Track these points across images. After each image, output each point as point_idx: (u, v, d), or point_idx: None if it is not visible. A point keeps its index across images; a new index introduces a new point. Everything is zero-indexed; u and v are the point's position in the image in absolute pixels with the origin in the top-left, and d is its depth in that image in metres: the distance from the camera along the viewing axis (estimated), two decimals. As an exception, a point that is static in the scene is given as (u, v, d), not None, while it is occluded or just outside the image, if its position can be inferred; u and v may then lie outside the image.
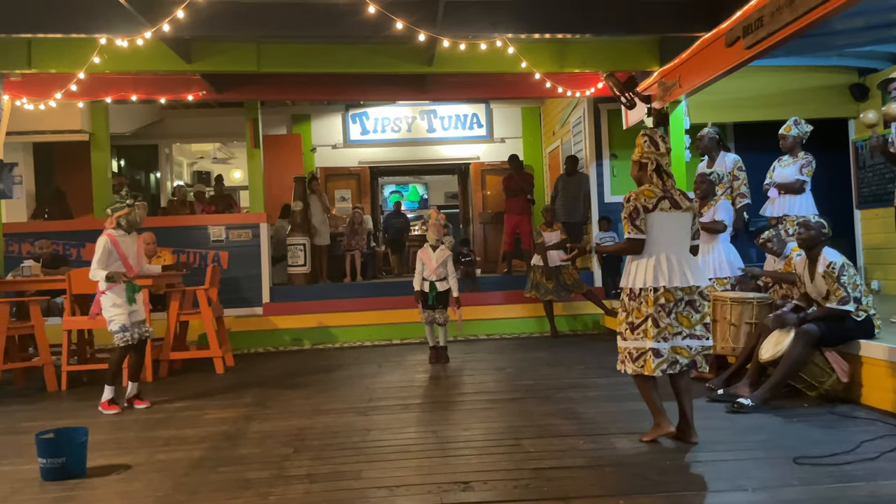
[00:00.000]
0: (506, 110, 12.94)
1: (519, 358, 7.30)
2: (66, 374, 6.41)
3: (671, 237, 3.87)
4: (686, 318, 3.86)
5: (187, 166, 14.81)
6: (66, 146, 10.77)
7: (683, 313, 3.85)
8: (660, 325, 3.81)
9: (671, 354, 3.84)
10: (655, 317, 3.81)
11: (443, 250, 7.08)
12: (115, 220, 5.46)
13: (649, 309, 3.82)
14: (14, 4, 6.24)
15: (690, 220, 3.95)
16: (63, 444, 3.75)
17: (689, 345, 3.87)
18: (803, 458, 3.51)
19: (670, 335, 3.83)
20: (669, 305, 3.82)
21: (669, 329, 3.82)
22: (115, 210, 5.48)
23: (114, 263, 5.39)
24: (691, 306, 3.87)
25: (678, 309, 3.84)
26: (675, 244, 3.88)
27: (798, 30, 5.22)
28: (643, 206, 3.86)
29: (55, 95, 7.68)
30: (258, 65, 7.66)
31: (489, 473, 3.52)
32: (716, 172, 6.02)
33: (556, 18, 6.78)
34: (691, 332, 3.87)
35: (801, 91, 8.63)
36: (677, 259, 3.85)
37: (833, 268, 4.63)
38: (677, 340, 3.85)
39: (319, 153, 12.82)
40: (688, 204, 3.94)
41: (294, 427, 4.65)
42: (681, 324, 3.85)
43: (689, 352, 3.87)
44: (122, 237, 5.46)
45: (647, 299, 3.83)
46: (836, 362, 4.65)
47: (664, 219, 3.86)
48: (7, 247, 8.86)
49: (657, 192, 3.89)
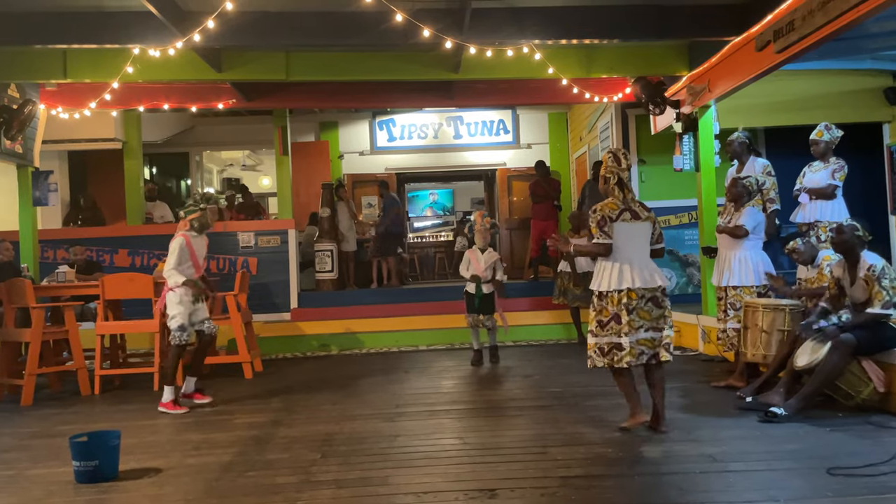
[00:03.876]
0: (532, 116, 12.91)
1: (546, 365, 7.26)
2: (99, 379, 6.52)
3: (632, 245, 4.30)
4: (647, 312, 4.25)
5: (217, 173, 15.01)
6: (100, 154, 11.00)
7: (645, 308, 4.25)
8: (622, 321, 4.21)
9: (637, 346, 4.22)
10: (619, 314, 4.22)
11: (491, 253, 7.21)
12: (188, 222, 5.73)
13: (614, 308, 4.24)
14: (50, 16, 6.39)
15: (650, 228, 4.38)
16: (96, 447, 3.81)
17: (651, 336, 4.25)
18: (838, 469, 3.44)
19: (633, 330, 4.21)
20: (633, 304, 4.21)
21: (632, 324, 4.20)
22: (189, 213, 5.76)
23: (185, 263, 5.62)
24: (653, 303, 4.27)
25: (640, 305, 4.24)
26: (636, 251, 4.29)
27: (830, 33, 5.14)
28: (608, 216, 4.29)
29: (89, 104, 7.83)
30: (287, 73, 7.74)
31: (516, 481, 3.51)
32: (752, 178, 5.91)
33: (584, 24, 6.74)
34: (652, 325, 4.26)
35: (833, 95, 8.49)
36: (639, 264, 4.27)
37: (874, 271, 4.53)
38: (640, 333, 4.23)
39: (347, 160, 12.91)
40: (646, 214, 4.39)
41: (322, 432, 4.67)
42: (642, 318, 4.24)
43: (651, 343, 4.25)
44: (194, 238, 5.73)
45: (612, 299, 4.26)
46: (872, 371, 4.55)
47: (625, 228, 4.30)
48: (42, 253, 9.05)
49: (619, 205, 4.33)
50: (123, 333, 7.44)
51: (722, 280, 5.72)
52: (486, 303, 7.11)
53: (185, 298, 5.62)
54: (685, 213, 9.69)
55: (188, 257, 5.66)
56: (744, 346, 5.43)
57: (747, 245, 5.69)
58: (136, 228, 10.14)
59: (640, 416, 4.32)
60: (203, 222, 5.77)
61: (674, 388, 5.68)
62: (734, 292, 5.66)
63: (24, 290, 6.36)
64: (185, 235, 5.69)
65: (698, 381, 5.95)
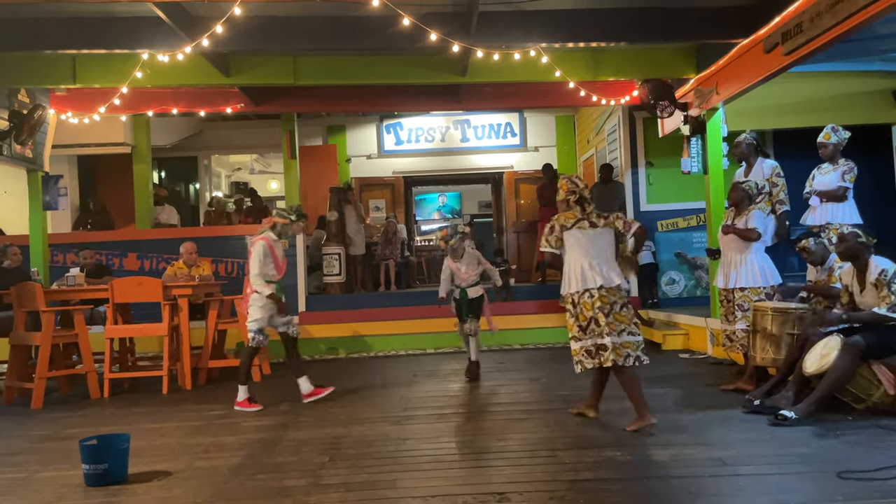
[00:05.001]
0: (540, 119, 12.90)
1: (554, 368, 7.24)
2: (108, 382, 6.55)
3: (591, 249, 4.57)
4: (624, 316, 4.47)
5: (225, 177, 15.07)
6: (109, 158, 11.06)
7: (622, 312, 4.48)
8: (601, 323, 4.43)
9: (621, 349, 4.42)
10: (597, 317, 4.44)
11: (469, 253, 6.66)
12: (273, 221, 5.84)
13: (590, 311, 4.46)
14: (60, 22, 6.43)
15: (610, 233, 4.65)
16: (106, 450, 3.83)
17: (634, 340, 4.46)
18: (848, 473, 3.42)
19: (614, 332, 4.43)
20: (607, 307, 4.44)
21: (612, 326, 4.43)
22: (280, 215, 5.87)
23: (269, 265, 5.73)
24: (626, 308, 4.51)
25: (615, 310, 4.46)
26: (595, 254, 4.56)
27: (839, 35, 5.12)
28: (562, 225, 4.64)
29: (99, 109, 7.88)
30: (295, 78, 7.77)
31: (525, 484, 3.50)
32: (751, 182, 5.90)
33: (591, 27, 6.74)
34: (630, 329, 4.48)
35: (842, 96, 8.45)
36: (598, 264, 4.52)
37: (885, 275, 4.51)
38: (623, 337, 4.44)
39: (354, 163, 12.94)
40: (604, 222, 4.66)
41: (330, 435, 4.68)
42: (620, 322, 4.45)
43: (634, 346, 4.45)
44: (274, 241, 5.81)
45: (586, 304, 4.48)
46: (883, 374, 4.53)
47: (582, 235, 4.59)
48: (52, 257, 9.10)
49: (577, 216, 4.65)
50: (132, 337, 7.47)
51: (729, 282, 5.70)
52: (473, 307, 6.61)
53: (267, 302, 5.71)
54: (693, 216, 9.67)
55: (270, 260, 5.74)
56: (753, 350, 5.41)
57: (754, 247, 5.68)
58: (145, 232, 10.19)
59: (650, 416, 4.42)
60: (285, 231, 5.87)
61: (683, 392, 5.67)
62: (742, 294, 5.64)
63: (34, 294, 6.40)
64: (266, 238, 5.76)
65: (707, 384, 5.93)
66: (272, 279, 5.77)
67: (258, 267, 5.67)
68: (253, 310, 5.73)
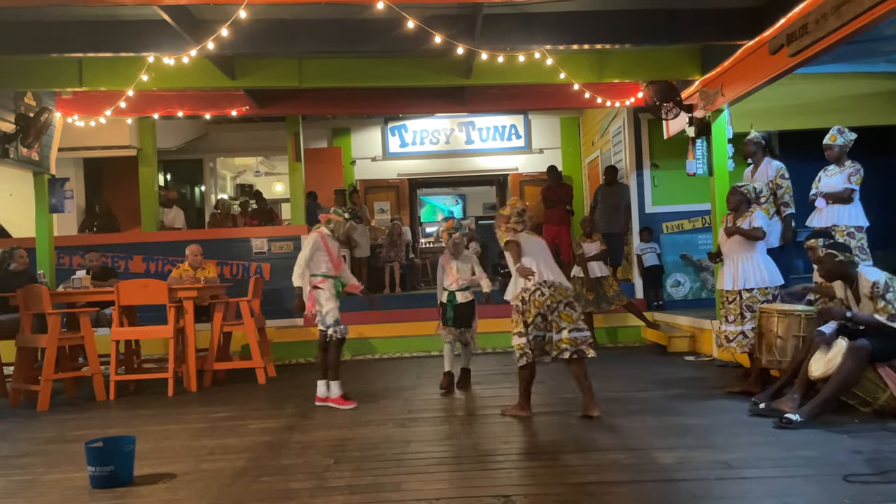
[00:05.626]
0: (544, 121, 12.91)
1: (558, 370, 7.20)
2: (114, 384, 6.57)
3: (538, 253, 5.05)
4: (568, 315, 4.88)
5: (230, 180, 15.11)
6: (115, 161, 11.11)
7: (565, 312, 4.89)
8: (536, 322, 4.87)
9: (560, 344, 4.84)
10: (544, 314, 4.87)
11: (466, 255, 6.26)
12: (328, 217, 5.88)
13: (536, 309, 4.88)
14: (66, 26, 6.46)
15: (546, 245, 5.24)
16: (111, 452, 3.84)
17: (574, 336, 4.85)
18: (854, 476, 3.41)
19: (555, 329, 4.87)
20: (553, 306, 4.85)
21: (555, 325, 4.87)
22: (336, 213, 5.90)
23: (321, 259, 5.72)
24: (570, 307, 4.91)
25: (560, 309, 4.87)
26: (541, 256, 5.02)
27: (844, 36, 5.11)
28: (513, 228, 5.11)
29: (105, 112, 7.91)
30: (300, 80, 7.78)
31: (530, 487, 3.50)
32: (749, 186, 5.90)
33: (595, 29, 6.73)
34: (574, 327, 4.88)
35: (847, 98, 8.43)
36: (545, 265, 4.96)
37: (878, 287, 4.50)
38: (564, 334, 4.85)
39: (359, 166, 12.96)
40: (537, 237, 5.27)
41: (335, 438, 4.69)
42: (564, 320, 4.87)
43: (574, 342, 4.84)
44: (328, 237, 5.83)
45: (535, 301, 4.88)
46: (889, 378, 4.50)
47: (529, 239, 5.11)
48: (58, 259, 9.13)
49: (520, 227, 5.16)
50: (138, 339, 7.49)
51: (738, 283, 5.69)
52: (461, 314, 6.12)
53: (332, 292, 5.70)
54: (698, 218, 9.65)
55: (324, 253, 5.73)
56: (759, 352, 5.39)
57: (758, 248, 5.68)
58: (151, 235, 10.22)
59: (524, 411, 5.05)
60: (338, 230, 5.85)
61: (688, 394, 5.65)
62: (749, 294, 5.63)
63: (41, 297, 6.43)
64: (321, 232, 5.80)
65: (713, 386, 5.91)
66: (328, 274, 5.74)
67: (304, 259, 5.67)
68: (323, 303, 5.68)
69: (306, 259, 5.69)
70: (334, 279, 5.78)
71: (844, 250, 4.73)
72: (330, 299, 5.70)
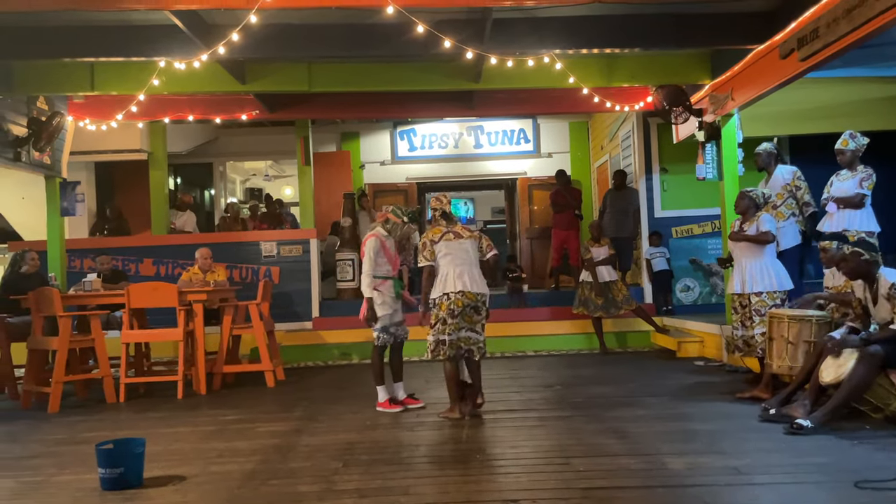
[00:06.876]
0: (553, 125, 12.90)
1: (567, 375, 7.22)
2: (124, 386, 6.60)
3: (456, 258, 5.22)
4: (469, 317, 5.19)
5: (240, 183, 15.17)
6: (126, 165, 11.18)
7: (468, 313, 5.18)
8: (447, 322, 5.14)
9: (458, 343, 5.17)
10: (447, 317, 5.15)
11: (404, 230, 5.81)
12: (387, 216, 5.79)
13: (443, 312, 5.16)
14: (78, 31, 6.51)
15: (474, 244, 5.33)
16: (121, 454, 3.85)
17: (468, 336, 5.20)
18: (865, 483, 3.38)
19: (455, 330, 5.15)
20: (458, 309, 5.13)
21: (456, 326, 5.14)
22: (395, 213, 5.79)
23: (381, 261, 5.63)
24: (475, 311, 5.21)
25: (465, 312, 5.16)
26: (460, 263, 5.22)
27: (856, 41, 5.09)
28: (430, 239, 5.29)
29: (116, 116, 7.97)
30: (309, 85, 7.82)
31: (538, 492, 3.49)
32: (758, 191, 5.88)
33: (605, 34, 6.73)
34: (471, 328, 5.21)
35: (859, 102, 8.38)
36: (461, 272, 5.18)
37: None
38: (462, 333, 5.17)
39: (368, 170, 12.99)
40: (468, 234, 5.36)
41: (343, 441, 4.69)
42: (465, 321, 5.17)
43: (468, 342, 5.20)
44: (385, 237, 5.73)
45: (442, 304, 5.16)
46: (900, 384, 4.47)
47: (450, 245, 5.25)
48: (69, 262, 9.19)
49: (442, 229, 5.32)
50: (148, 342, 7.52)
51: (746, 287, 5.67)
52: None
53: (387, 298, 5.61)
54: (708, 223, 9.62)
55: (383, 255, 5.64)
56: (769, 358, 5.36)
57: (767, 252, 5.66)
58: (161, 238, 10.26)
59: (458, 411, 5.21)
60: (394, 230, 5.73)
61: (698, 399, 5.63)
62: (758, 298, 5.61)
63: (52, 299, 6.47)
64: (377, 234, 5.67)
65: (722, 392, 5.88)
66: (387, 275, 5.66)
67: (369, 265, 5.55)
68: (377, 308, 5.56)
69: (371, 266, 5.55)
70: (394, 280, 5.69)
71: (871, 249, 4.69)
72: (382, 304, 5.58)
